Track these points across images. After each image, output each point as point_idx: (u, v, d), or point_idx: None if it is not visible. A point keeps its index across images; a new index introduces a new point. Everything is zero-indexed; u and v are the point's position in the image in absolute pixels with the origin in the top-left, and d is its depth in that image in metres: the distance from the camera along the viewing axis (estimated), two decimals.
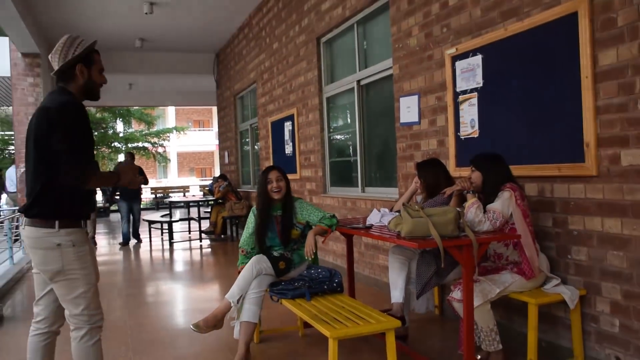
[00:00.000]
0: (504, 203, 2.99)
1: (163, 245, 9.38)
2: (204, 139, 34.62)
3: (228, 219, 9.74)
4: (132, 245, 9.56)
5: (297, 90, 7.11)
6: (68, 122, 2.30)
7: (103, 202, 15.01)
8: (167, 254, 8.53)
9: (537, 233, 3.23)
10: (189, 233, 10.65)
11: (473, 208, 2.99)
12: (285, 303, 3.36)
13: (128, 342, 3.91)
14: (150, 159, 22.70)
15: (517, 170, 3.24)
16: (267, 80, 8.34)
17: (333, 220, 3.51)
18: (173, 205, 10.60)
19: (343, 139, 6.34)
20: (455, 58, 3.92)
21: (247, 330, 3.29)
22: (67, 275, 2.38)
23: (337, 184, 6.41)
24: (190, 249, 8.96)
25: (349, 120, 6.09)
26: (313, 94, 6.57)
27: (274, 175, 3.59)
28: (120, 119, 21.44)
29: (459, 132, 3.94)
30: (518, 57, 3.37)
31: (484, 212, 3.01)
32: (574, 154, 3.00)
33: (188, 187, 24.83)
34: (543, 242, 3.27)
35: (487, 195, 3.09)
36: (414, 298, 3.57)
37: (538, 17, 3.18)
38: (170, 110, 34.02)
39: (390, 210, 3.75)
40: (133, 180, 2.57)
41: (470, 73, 3.78)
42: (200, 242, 9.65)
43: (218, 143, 12.80)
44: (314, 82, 6.52)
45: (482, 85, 3.70)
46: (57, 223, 2.35)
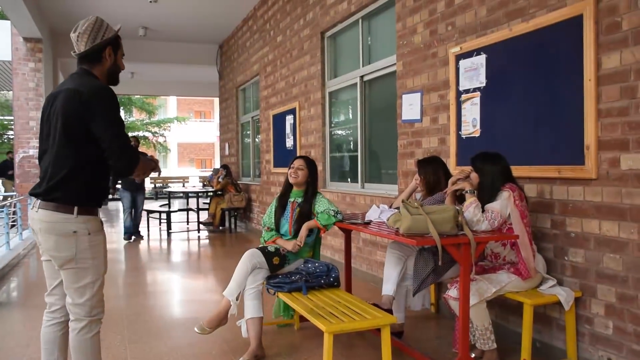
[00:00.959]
0: (503, 203, 3.00)
1: (161, 235, 9.39)
2: (205, 130, 34.57)
3: (227, 211, 9.75)
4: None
5: (299, 84, 7.11)
6: (108, 107, 2.27)
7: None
8: (164, 244, 8.54)
9: (534, 234, 3.24)
10: (187, 224, 10.66)
11: (472, 207, 3.00)
12: (282, 296, 3.38)
13: (124, 331, 3.92)
14: (151, 149, 22.71)
15: (517, 171, 3.24)
16: (270, 73, 8.33)
17: (330, 220, 3.53)
18: (172, 196, 10.55)
19: (344, 134, 6.34)
20: (459, 57, 3.92)
21: (254, 326, 3.30)
22: (77, 264, 2.32)
23: (336, 179, 6.42)
24: (188, 240, 8.97)
25: (351, 116, 6.09)
26: (316, 88, 6.57)
27: (297, 163, 3.76)
28: (122, 108, 21.42)
29: (461, 130, 3.94)
30: (522, 58, 3.37)
31: (483, 211, 3.02)
32: (574, 157, 3.01)
33: (187, 177, 24.83)
34: (540, 243, 3.28)
35: (486, 195, 3.09)
36: (410, 295, 3.58)
37: (543, 18, 3.18)
38: (172, 100, 33.97)
39: (390, 207, 3.75)
40: (157, 168, 2.58)
41: (474, 72, 3.78)
42: (199, 233, 9.66)
43: (219, 135, 12.79)
44: (317, 76, 6.51)
45: (485, 85, 3.69)
46: (75, 209, 2.29)
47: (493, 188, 3.08)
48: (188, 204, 10.96)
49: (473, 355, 3.09)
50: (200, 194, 10.49)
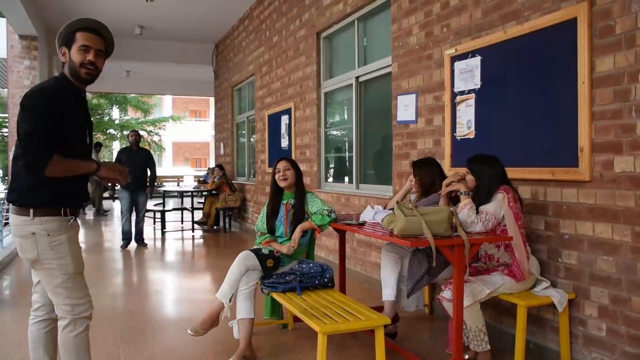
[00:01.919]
0: (497, 205, 3.01)
1: (155, 235, 9.36)
2: (200, 130, 34.51)
3: (221, 211, 9.73)
4: (132, 249, 7.75)
5: (295, 84, 7.10)
6: (30, 105, 2.24)
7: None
8: (158, 243, 8.51)
9: (528, 236, 3.25)
10: (182, 223, 10.64)
11: (466, 209, 3.00)
12: (276, 296, 3.37)
13: (117, 331, 3.91)
14: (146, 147, 22.63)
15: (511, 173, 3.25)
16: (265, 73, 8.32)
17: (325, 220, 3.53)
18: (166, 195, 10.52)
19: (339, 135, 6.34)
20: (454, 58, 3.93)
21: (244, 327, 3.29)
22: (43, 265, 2.33)
23: (331, 180, 6.42)
24: (182, 239, 8.95)
25: (346, 117, 6.09)
26: (311, 89, 6.57)
27: (282, 165, 3.73)
28: (117, 106, 21.35)
29: (455, 132, 3.95)
30: (516, 60, 3.38)
31: (477, 213, 3.02)
32: (568, 159, 3.02)
33: (182, 177, 24.76)
34: (534, 244, 3.29)
35: (482, 198, 3.10)
36: (404, 296, 3.59)
37: (538, 21, 3.19)
38: (167, 99, 33.87)
39: (384, 208, 3.76)
40: (118, 179, 2.44)
41: (469, 74, 3.79)
42: (193, 232, 9.64)
43: (214, 134, 12.76)
44: (313, 76, 6.51)
45: (479, 87, 3.70)
46: (31, 211, 2.28)
47: (489, 190, 3.09)
48: (182, 203, 10.93)
49: (467, 357, 3.09)
50: (195, 194, 10.46)
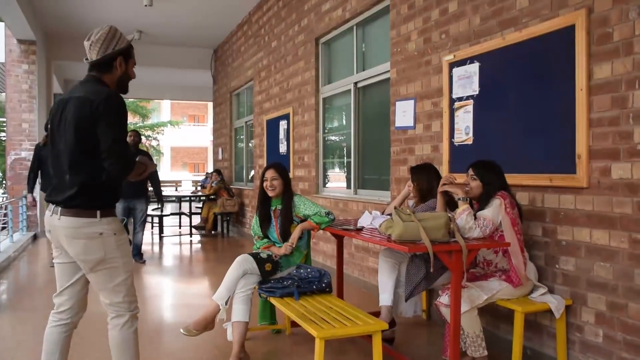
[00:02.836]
0: (494, 210, 3.01)
1: (153, 239, 9.34)
2: (199, 134, 34.49)
3: (219, 215, 9.72)
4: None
5: (293, 90, 7.12)
6: (114, 112, 2.32)
7: None
8: (156, 248, 8.50)
9: (526, 242, 3.26)
10: (180, 228, 10.62)
11: (464, 215, 3.01)
12: (274, 301, 3.37)
13: None
14: None
15: (509, 179, 3.25)
16: (264, 79, 8.34)
17: (323, 219, 3.55)
18: (164, 199, 10.52)
19: (338, 140, 6.35)
20: (453, 65, 3.95)
21: (238, 330, 3.29)
22: (108, 264, 2.39)
23: (329, 185, 6.42)
24: (180, 244, 8.93)
25: (345, 122, 6.10)
26: (310, 94, 6.58)
27: (269, 175, 3.70)
28: None
29: (454, 138, 3.96)
30: (515, 66, 3.39)
31: (475, 218, 3.03)
32: (566, 165, 3.03)
33: (180, 181, 24.75)
34: (532, 251, 3.29)
35: (482, 204, 3.11)
36: (402, 301, 3.59)
37: (536, 28, 3.21)
38: (166, 104, 33.87)
39: (382, 213, 3.76)
40: (152, 168, 2.67)
41: (467, 80, 3.81)
42: (191, 237, 9.63)
43: (212, 139, 12.76)
44: (311, 82, 6.52)
45: (478, 93, 3.72)
46: (98, 213, 2.37)
47: (487, 196, 3.09)
48: (180, 208, 10.92)
49: None
50: (193, 198, 10.46)
